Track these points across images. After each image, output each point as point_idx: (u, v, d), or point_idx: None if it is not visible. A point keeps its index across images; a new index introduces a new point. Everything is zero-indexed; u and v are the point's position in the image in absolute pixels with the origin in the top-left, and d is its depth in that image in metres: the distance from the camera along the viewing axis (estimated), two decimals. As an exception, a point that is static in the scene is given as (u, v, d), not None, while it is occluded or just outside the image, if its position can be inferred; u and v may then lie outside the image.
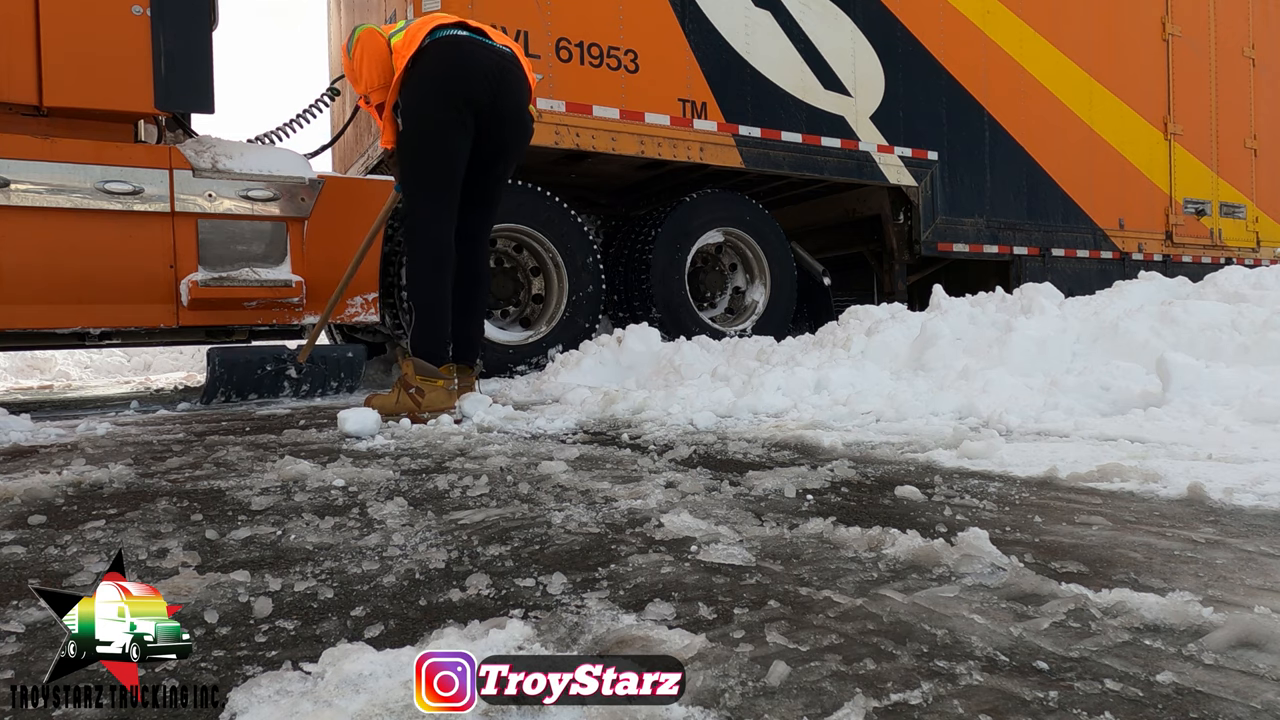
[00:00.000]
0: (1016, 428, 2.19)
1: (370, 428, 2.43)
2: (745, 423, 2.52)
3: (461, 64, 2.96)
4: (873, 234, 6.70)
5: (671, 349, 3.92)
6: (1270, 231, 8.71)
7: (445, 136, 2.98)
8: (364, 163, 5.76)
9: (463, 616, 0.89)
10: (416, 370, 2.92)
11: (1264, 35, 8.43)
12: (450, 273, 3.06)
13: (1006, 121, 6.70)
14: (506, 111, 3.06)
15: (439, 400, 2.91)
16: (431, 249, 3.01)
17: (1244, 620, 0.78)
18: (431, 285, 3.02)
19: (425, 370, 2.93)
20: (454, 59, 2.95)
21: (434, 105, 2.95)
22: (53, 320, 3.79)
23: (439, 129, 2.97)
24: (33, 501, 1.55)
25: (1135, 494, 1.43)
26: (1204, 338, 2.72)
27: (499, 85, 3.00)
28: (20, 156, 3.60)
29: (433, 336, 3.00)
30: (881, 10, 6.02)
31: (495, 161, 3.16)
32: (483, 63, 2.98)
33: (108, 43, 3.72)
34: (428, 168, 3.01)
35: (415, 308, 3.06)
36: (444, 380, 2.97)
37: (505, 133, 3.11)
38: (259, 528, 1.31)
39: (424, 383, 2.91)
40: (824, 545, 1.15)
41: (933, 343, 3.08)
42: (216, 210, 4.01)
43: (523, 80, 3.12)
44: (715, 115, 5.34)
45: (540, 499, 1.49)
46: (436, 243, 3.01)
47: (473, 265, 3.22)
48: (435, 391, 2.92)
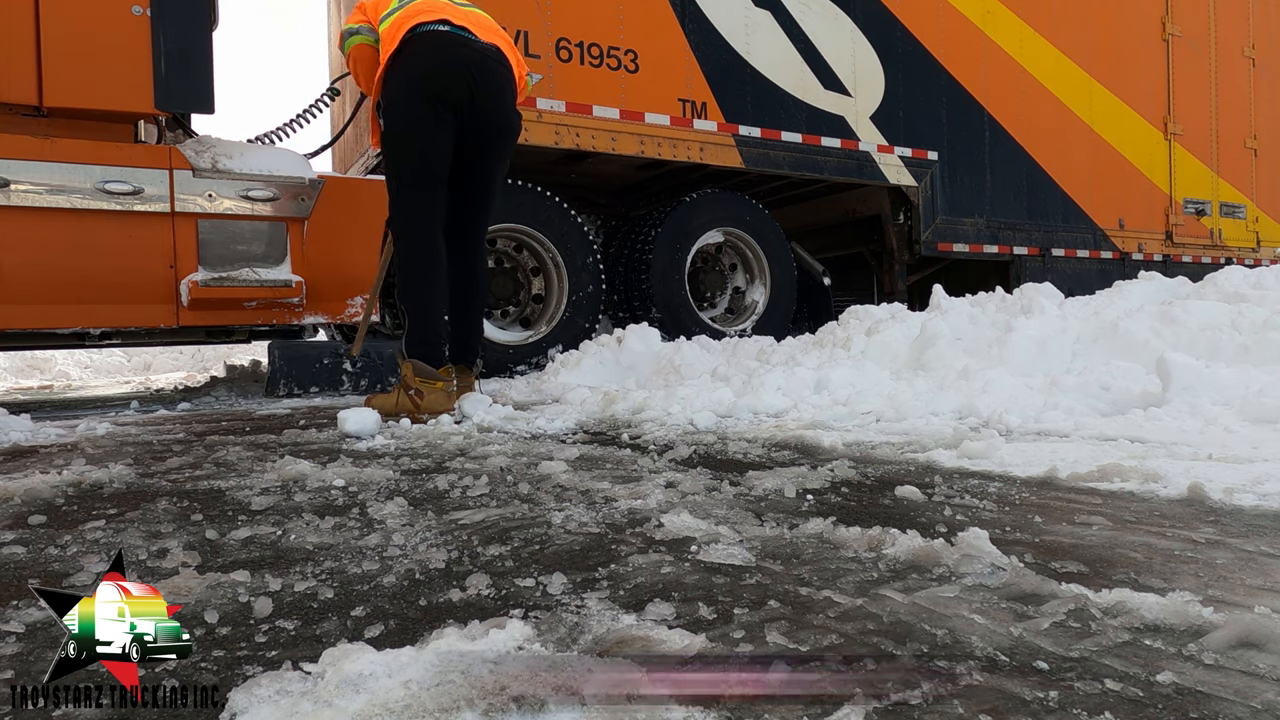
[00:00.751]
0: (1016, 428, 2.19)
1: (370, 428, 2.43)
2: (745, 423, 2.52)
3: (438, 60, 2.93)
4: (873, 234, 6.70)
5: (671, 349, 3.92)
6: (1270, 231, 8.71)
7: (423, 134, 2.95)
8: (364, 163, 5.76)
9: (463, 616, 0.89)
10: (415, 372, 2.90)
11: (1264, 35, 8.43)
12: (440, 272, 3.02)
13: (1006, 121, 6.70)
14: (486, 107, 3.01)
15: (438, 402, 2.90)
16: (417, 249, 2.99)
17: (1244, 620, 0.78)
18: (419, 286, 2.99)
19: (424, 372, 2.91)
20: (430, 55, 2.93)
21: (410, 102, 2.93)
22: (53, 320, 3.79)
23: (416, 126, 2.94)
24: (33, 501, 1.55)
25: (1135, 494, 1.43)
26: (1204, 338, 2.72)
27: (478, 81, 2.95)
28: (20, 156, 3.60)
29: (425, 338, 2.98)
30: (881, 10, 6.02)
31: (480, 158, 3.12)
32: (460, 58, 2.94)
33: (108, 43, 3.72)
34: (407, 166, 2.99)
35: (406, 310, 3.03)
36: (443, 382, 2.95)
37: (486, 129, 3.06)
38: (259, 528, 1.31)
39: (423, 384, 2.89)
40: (824, 545, 1.15)
41: (933, 343, 3.08)
42: (216, 210, 4.01)
43: (506, 76, 3.06)
44: (715, 115, 5.34)
45: (540, 499, 1.49)
46: (422, 242, 2.99)
47: (467, 265, 3.19)
48: (434, 393, 2.90)
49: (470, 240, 3.21)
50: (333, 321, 4.44)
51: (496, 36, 3.12)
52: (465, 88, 2.94)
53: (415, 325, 2.99)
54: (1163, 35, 7.65)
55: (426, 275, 2.99)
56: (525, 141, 4.42)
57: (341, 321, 4.46)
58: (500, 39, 3.12)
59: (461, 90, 2.93)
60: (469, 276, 3.20)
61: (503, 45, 3.11)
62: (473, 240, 3.21)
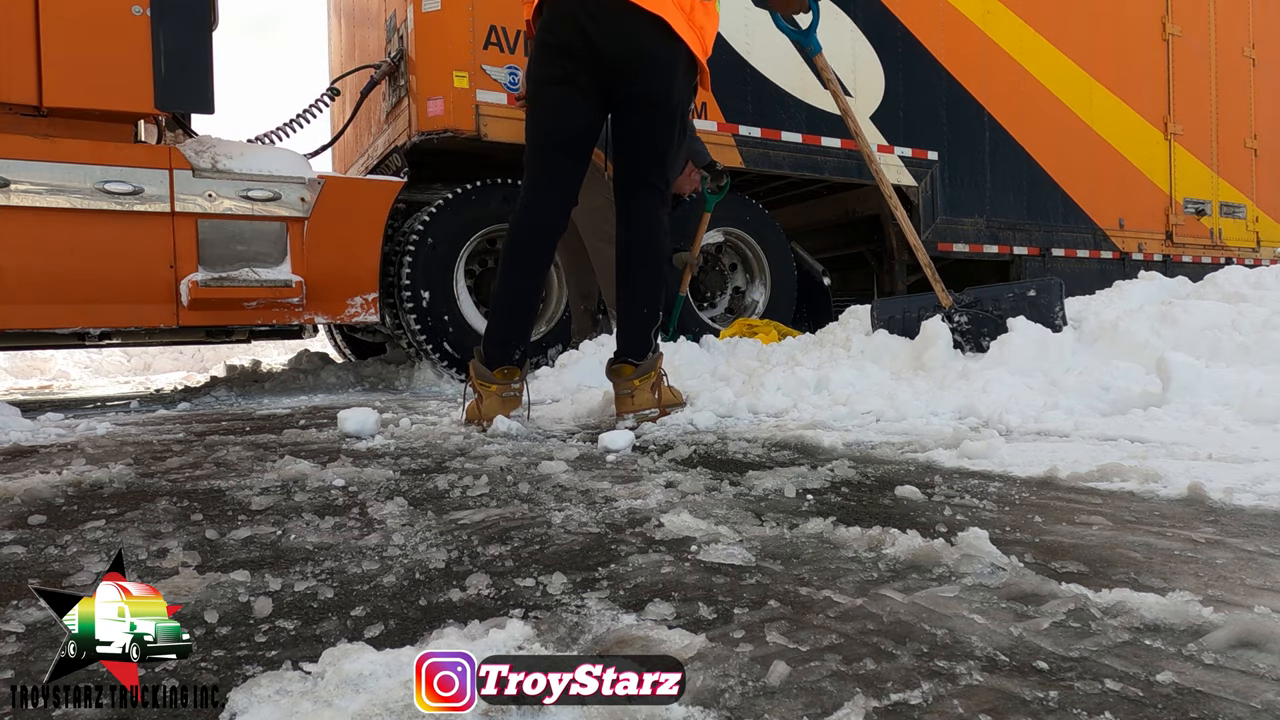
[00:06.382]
0: (1016, 428, 2.19)
1: (370, 428, 2.43)
2: (745, 422, 2.52)
3: (553, 10, 2.57)
4: (873, 234, 6.70)
5: (671, 349, 3.92)
6: (1270, 231, 8.70)
7: (541, 98, 2.61)
8: (364, 163, 5.76)
9: (463, 616, 0.89)
10: (475, 373, 2.67)
11: (1264, 35, 8.42)
12: (525, 262, 2.64)
13: (1006, 121, 6.70)
14: (612, 51, 2.49)
15: (491, 407, 2.60)
16: (510, 231, 2.69)
17: (1244, 620, 0.78)
18: (500, 274, 2.68)
19: (479, 373, 2.66)
20: (550, 6, 2.57)
21: (533, 63, 2.66)
22: (53, 320, 3.79)
23: (535, 89, 2.62)
24: (33, 501, 1.55)
25: (1135, 494, 1.43)
26: (1204, 338, 2.72)
27: (595, 24, 2.47)
28: (20, 156, 3.61)
29: (489, 334, 2.70)
30: (881, 10, 6.01)
31: (627, 116, 2.62)
32: (569, 3, 2.53)
33: (107, 43, 3.73)
34: (527, 137, 2.66)
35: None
36: (497, 385, 2.63)
37: (618, 77, 2.53)
38: (259, 527, 1.31)
39: (481, 386, 2.64)
40: (824, 545, 1.15)
41: (933, 343, 3.08)
42: (216, 210, 4.01)
43: (632, 9, 2.47)
44: (715, 115, 5.34)
45: (540, 499, 1.49)
46: (514, 225, 2.68)
47: (623, 255, 2.74)
48: (490, 397, 2.63)
49: (630, 223, 2.73)
50: (333, 321, 4.45)
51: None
52: (578, 35, 2.51)
53: (489, 319, 2.75)
54: (1163, 35, 7.64)
55: (507, 262, 2.67)
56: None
57: (342, 321, 4.46)
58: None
59: (576, 39, 2.51)
60: (620, 250, 2.75)
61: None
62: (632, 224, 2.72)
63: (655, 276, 2.72)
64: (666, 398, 2.69)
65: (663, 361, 2.73)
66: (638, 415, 2.60)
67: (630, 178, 2.70)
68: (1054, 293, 3.12)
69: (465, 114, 4.46)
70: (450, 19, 4.48)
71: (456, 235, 4.66)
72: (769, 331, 4.77)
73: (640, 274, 2.71)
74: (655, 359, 2.68)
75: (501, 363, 2.66)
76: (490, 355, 2.66)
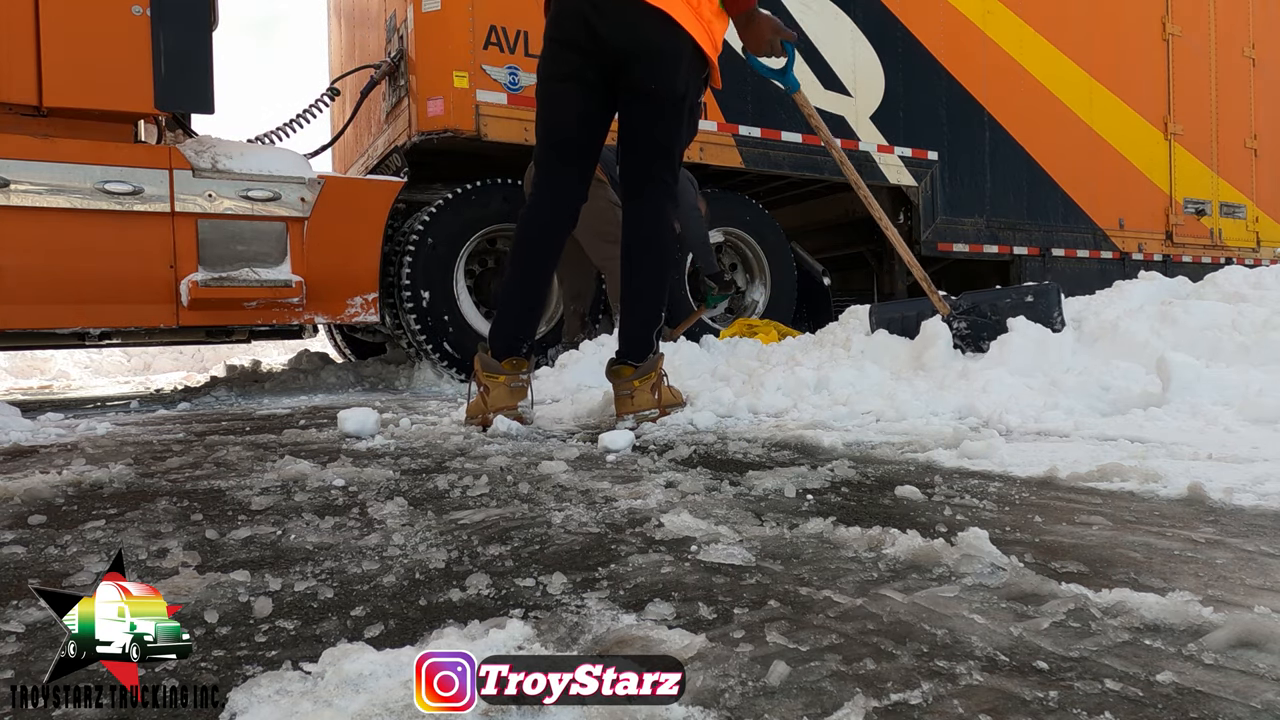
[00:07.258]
0: (1016, 428, 2.19)
1: (370, 427, 2.43)
2: (745, 422, 2.52)
3: (559, 6, 2.57)
4: (873, 234, 6.70)
5: (671, 348, 3.92)
6: (1270, 231, 8.70)
7: (548, 93, 2.61)
8: (364, 163, 5.76)
9: (463, 616, 0.89)
10: (482, 365, 2.64)
11: (1264, 35, 8.42)
12: (533, 258, 2.63)
13: (1006, 121, 6.70)
14: (616, 42, 2.47)
15: (499, 399, 2.58)
16: (519, 227, 2.68)
17: (1244, 620, 0.78)
18: (508, 270, 2.68)
19: (486, 364, 2.63)
20: (557, 2, 2.58)
21: (542, 60, 2.65)
22: (53, 320, 3.79)
23: (543, 86, 2.62)
24: (33, 501, 1.55)
25: (1135, 494, 1.43)
26: (1204, 338, 2.72)
27: (599, 16, 2.47)
28: (20, 156, 3.61)
29: (495, 328, 2.69)
30: (881, 10, 6.01)
31: (633, 108, 2.59)
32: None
33: (108, 43, 3.73)
34: (537, 132, 2.67)
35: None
36: (505, 375, 2.60)
37: (623, 69, 2.52)
38: (259, 527, 1.31)
39: (488, 378, 2.61)
40: (824, 545, 1.15)
41: (933, 342, 3.08)
42: (216, 210, 4.01)
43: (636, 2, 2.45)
44: (715, 115, 5.34)
45: (540, 499, 1.49)
46: (523, 220, 2.67)
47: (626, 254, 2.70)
48: (497, 388, 2.60)
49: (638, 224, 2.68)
50: (333, 321, 4.45)
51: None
52: (582, 27, 2.50)
53: (497, 310, 2.73)
54: (1163, 35, 7.64)
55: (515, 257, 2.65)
56: (526, 141, 4.42)
57: (342, 321, 4.46)
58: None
59: (580, 31, 2.51)
60: (624, 248, 2.70)
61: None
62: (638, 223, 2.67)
63: (658, 277, 2.70)
64: (666, 398, 2.69)
65: (663, 362, 2.73)
66: (638, 416, 2.59)
67: (636, 173, 2.67)
68: (1052, 297, 3.12)
69: (465, 114, 4.46)
70: (450, 19, 4.48)
71: (456, 235, 4.66)
72: (769, 331, 4.78)
73: (643, 274, 2.69)
74: (655, 360, 2.68)
75: (509, 354, 2.64)
76: (497, 348, 2.64)
